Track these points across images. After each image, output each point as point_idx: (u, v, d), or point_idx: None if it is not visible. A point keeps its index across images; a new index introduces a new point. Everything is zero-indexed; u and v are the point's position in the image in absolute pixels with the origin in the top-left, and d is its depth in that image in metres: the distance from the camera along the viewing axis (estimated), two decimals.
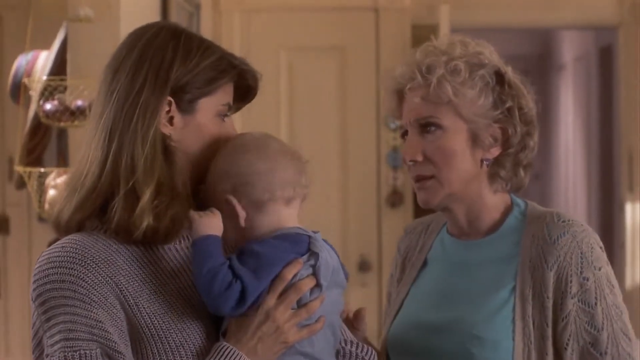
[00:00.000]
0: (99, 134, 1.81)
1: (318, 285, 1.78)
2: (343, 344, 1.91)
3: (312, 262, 1.78)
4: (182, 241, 1.85)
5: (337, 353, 1.89)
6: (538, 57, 9.93)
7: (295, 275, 1.77)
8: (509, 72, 2.03)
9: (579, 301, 1.96)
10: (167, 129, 1.81)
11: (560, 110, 9.14)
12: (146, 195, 1.77)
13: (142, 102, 1.79)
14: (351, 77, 5.35)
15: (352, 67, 5.34)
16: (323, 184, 5.10)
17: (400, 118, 2.07)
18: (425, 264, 2.14)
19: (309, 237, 1.80)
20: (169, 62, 1.81)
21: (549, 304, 1.97)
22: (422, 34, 5.45)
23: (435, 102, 1.99)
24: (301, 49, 5.35)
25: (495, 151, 2.02)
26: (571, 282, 1.96)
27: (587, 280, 1.96)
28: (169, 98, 1.81)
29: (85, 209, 1.80)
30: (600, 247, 2.01)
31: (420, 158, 2.01)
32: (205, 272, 1.72)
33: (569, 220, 2.01)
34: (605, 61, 6.93)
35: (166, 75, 1.80)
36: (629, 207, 5.76)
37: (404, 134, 2.06)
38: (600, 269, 1.97)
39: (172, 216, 1.79)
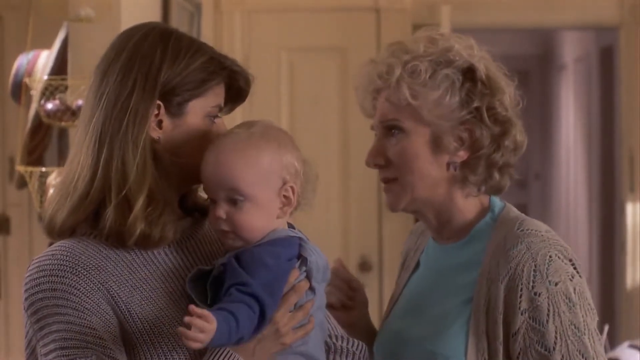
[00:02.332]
0: (89, 138, 1.80)
1: (311, 288, 1.80)
2: (334, 340, 1.91)
3: (304, 268, 1.79)
4: (172, 245, 1.84)
5: (328, 349, 1.90)
6: (539, 58, 9.92)
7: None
8: (483, 67, 1.92)
9: (529, 318, 1.84)
10: (155, 133, 1.80)
11: (561, 110, 9.14)
12: (139, 203, 1.76)
13: (131, 107, 1.78)
14: (352, 77, 5.33)
15: (353, 68, 5.31)
16: (324, 185, 5.08)
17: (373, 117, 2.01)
18: (417, 266, 2.09)
19: (299, 238, 1.80)
20: (157, 65, 1.79)
21: (501, 319, 1.86)
22: None
23: (396, 105, 1.92)
24: (302, 50, 5.35)
25: (463, 154, 1.93)
26: (521, 297, 1.84)
27: (539, 295, 1.84)
28: (158, 102, 1.79)
29: (78, 214, 1.79)
30: (568, 260, 1.88)
31: (382, 162, 1.96)
32: (234, 335, 1.68)
33: (528, 230, 1.89)
34: (606, 62, 6.92)
35: (155, 79, 1.79)
36: (629, 208, 5.75)
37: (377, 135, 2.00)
38: (557, 284, 1.84)
39: (164, 223, 1.78)
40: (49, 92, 3.54)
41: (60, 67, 3.60)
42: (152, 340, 1.74)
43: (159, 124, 1.81)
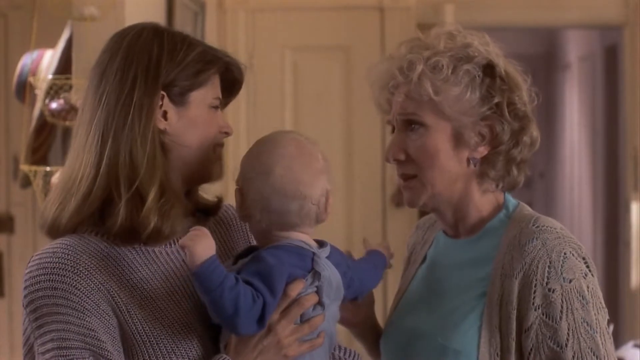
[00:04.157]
0: (91, 138, 1.79)
1: (321, 303, 1.78)
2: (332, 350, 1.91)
3: (315, 282, 1.77)
4: (173, 244, 1.83)
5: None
6: (543, 57, 9.91)
7: (299, 293, 1.76)
8: (502, 63, 1.93)
9: (542, 314, 1.84)
10: (162, 124, 1.80)
11: (565, 109, 9.13)
12: (151, 196, 1.75)
13: (135, 102, 1.77)
14: (356, 76, 5.35)
15: (357, 67, 5.34)
16: None
17: (389, 113, 1.99)
18: (424, 260, 2.09)
19: (313, 253, 1.79)
20: (156, 59, 1.80)
21: (514, 315, 1.86)
22: None
23: (417, 100, 1.91)
24: (306, 48, 5.35)
25: (484, 150, 1.92)
26: (535, 292, 1.84)
27: (553, 292, 1.84)
28: (162, 92, 1.80)
29: (82, 213, 1.78)
30: (581, 258, 1.88)
31: (402, 157, 1.95)
32: (227, 293, 1.67)
33: (543, 226, 1.89)
34: (610, 61, 6.92)
35: (156, 71, 1.79)
36: (634, 207, 5.75)
37: (393, 130, 1.99)
38: (571, 281, 1.84)
39: (175, 216, 1.78)
40: (53, 91, 3.54)
41: (64, 66, 3.60)
42: (152, 341, 1.74)
43: (164, 114, 1.81)
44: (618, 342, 5.12)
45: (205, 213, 1.93)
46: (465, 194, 1.95)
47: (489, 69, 1.92)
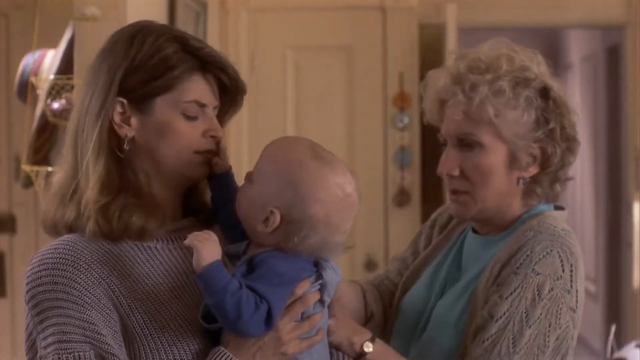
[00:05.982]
0: (70, 140, 1.82)
1: (321, 301, 1.79)
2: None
3: (319, 281, 1.79)
4: (174, 240, 1.84)
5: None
6: (545, 57, 9.89)
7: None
8: (555, 87, 1.99)
9: (497, 290, 1.88)
10: (123, 130, 1.78)
11: None
12: (111, 202, 1.76)
13: (91, 106, 1.77)
14: (358, 76, 5.35)
15: (359, 67, 5.34)
16: None
17: (441, 123, 2.04)
18: (450, 241, 2.13)
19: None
20: (118, 62, 1.77)
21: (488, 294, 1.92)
22: (429, 33, 5.45)
23: (476, 120, 1.96)
24: (308, 48, 5.34)
25: (533, 170, 1.99)
26: (505, 274, 1.89)
27: (516, 275, 1.87)
28: (121, 99, 1.77)
29: (70, 213, 1.80)
30: (568, 264, 1.89)
31: (456, 173, 1.99)
32: (228, 298, 1.68)
33: (544, 223, 1.95)
34: (612, 61, 6.92)
35: (112, 76, 1.77)
36: (636, 207, 5.74)
37: (444, 143, 2.03)
38: (538, 274, 1.87)
39: (126, 219, 1.76)
40: (55, 91, 3.55)
41: (66, 66, 3.60)
42: (153, 334, 1.74)
43: (127, 120, 1.79)
44: (620, 342, 5.12)
45: (209, 214, 1.91)
46: (508, 207, 2.01)
47: (544, 91, 1.98)
